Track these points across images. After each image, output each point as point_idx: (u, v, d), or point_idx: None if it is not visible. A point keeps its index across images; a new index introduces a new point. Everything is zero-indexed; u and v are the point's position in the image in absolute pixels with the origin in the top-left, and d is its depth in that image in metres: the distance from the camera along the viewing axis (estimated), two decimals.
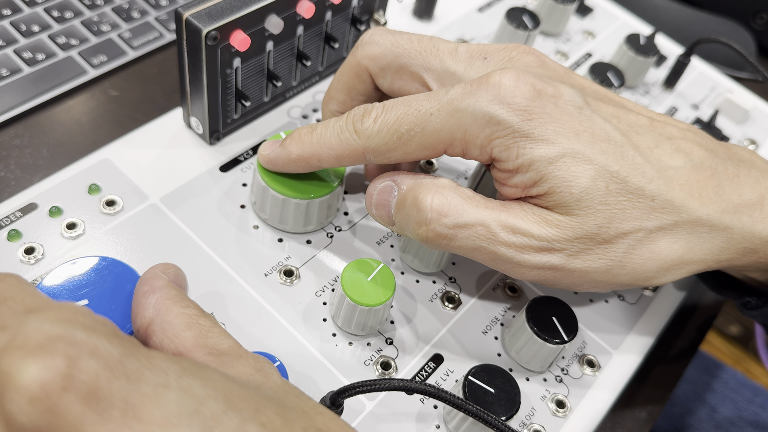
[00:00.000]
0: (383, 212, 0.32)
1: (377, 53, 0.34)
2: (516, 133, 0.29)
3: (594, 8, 0.57)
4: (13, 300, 0.20)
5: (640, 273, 0.30)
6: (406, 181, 0.31)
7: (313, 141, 0.32)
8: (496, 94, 0.29)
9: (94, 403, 0.17)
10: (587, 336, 0.36)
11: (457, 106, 0.29)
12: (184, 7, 0.33)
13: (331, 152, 0.32)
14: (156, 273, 0.26)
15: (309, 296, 0.34)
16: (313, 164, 0.33)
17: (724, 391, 0.64)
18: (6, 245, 0.32)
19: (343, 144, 0.32)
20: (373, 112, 0.31)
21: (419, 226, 0.30)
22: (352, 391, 0.26)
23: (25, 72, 0.42)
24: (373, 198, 0.32)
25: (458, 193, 0.30)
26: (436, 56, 0.33)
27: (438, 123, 0.29)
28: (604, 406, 0.34)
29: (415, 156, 0.31)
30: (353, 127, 0.31)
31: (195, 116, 0.38)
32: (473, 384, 0.30)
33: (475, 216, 0.29)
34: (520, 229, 0.29)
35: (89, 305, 0.27)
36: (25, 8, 0.45)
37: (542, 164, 0.29)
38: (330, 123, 0.32)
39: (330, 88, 0.37)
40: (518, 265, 0.30)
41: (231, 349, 0.24)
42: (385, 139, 0.30)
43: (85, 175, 0.36)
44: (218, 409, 0.19)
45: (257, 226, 0.36)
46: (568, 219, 0.29)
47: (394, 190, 0.32)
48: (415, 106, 0.30)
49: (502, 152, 0.29)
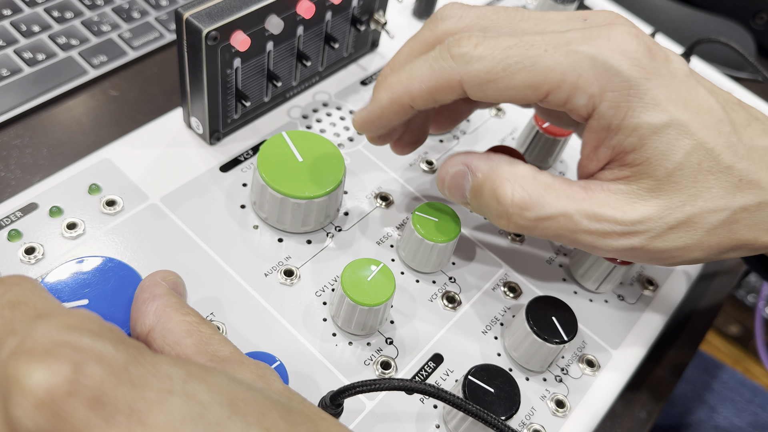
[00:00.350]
0: (457, 194, 0.32)
1: (461, 27, 0.32)
2: (632, 89, 0.28)
3: (593, 8, 0.57)
4: (25, 304, 0.21)
5: (714, 250, 0.30)
6: (480, 167, 0.30)
7: (402, 79, 0.30)
8: (618, 44, 0.28)
9: (99, 408, 0.18)
10: (587, 336, 0.36)
11: (575, 48, 0.28)
12: (185, 7, 0.33)
13: (424, 86, 0.30)
14: (156, 280, 0.26)
15: (309, 296, 0.34)
16: (405, 104, 0.31)
17: (723, 391, 0.64)
18: (6, 245, 0.32)
19: (436, 73, 0.29)
20: (472, 37, 0.29)
21: (499, 217, 0.30)
22: (352, 391, 0.26)
23: (26, 72, 0.42)
24: (446, 182, 0.32)
25: (538, 182, 0.29)
26: (528, 20, 0.31)
27: (551, 61, 0.28)
28: (603, 405, 0.34)
29: (513, 94, 0.29)
30: (449, 53, 0.29)
31: (195, 116, 0.38)
32: (473, 384, 0.30)
33: (557, 207, 0.29)
34: (604, 216, 0.29)
35: (89, 305, 0.27)
36: (25, 8, 0.45)
37: (647, 132, 0.28)
38: (418, 59, 0.30)
39: (395, 62, 0.33)
40: (599, 249, 0.30)
41: (232, 355, 0.24)
42: (488, 66, 0.28)
43: (86, 175, 0.36)
44: (223, 414, 0.19)
45: (257, 226, 0.36)
46: (653, 199, 0.29)
47: (467, 174, 0.31)
48: (526, 39, 0.28)
49: (610, 108, 0.28)
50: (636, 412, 0.38)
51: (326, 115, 0.42)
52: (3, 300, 0.21)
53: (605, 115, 0.28)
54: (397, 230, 0.38)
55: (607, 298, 0.38)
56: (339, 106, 0.43)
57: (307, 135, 0.36)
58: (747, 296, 1.27)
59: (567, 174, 0.44)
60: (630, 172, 0.29)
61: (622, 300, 0.39)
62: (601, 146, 0.29)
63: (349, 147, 0.41)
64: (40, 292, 0.22)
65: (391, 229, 0.38)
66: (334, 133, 0.41)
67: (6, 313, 0.20)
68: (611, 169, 0.30)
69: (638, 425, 0.37)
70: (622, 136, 0.29)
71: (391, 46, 0.47)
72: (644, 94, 0.28)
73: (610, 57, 0.28)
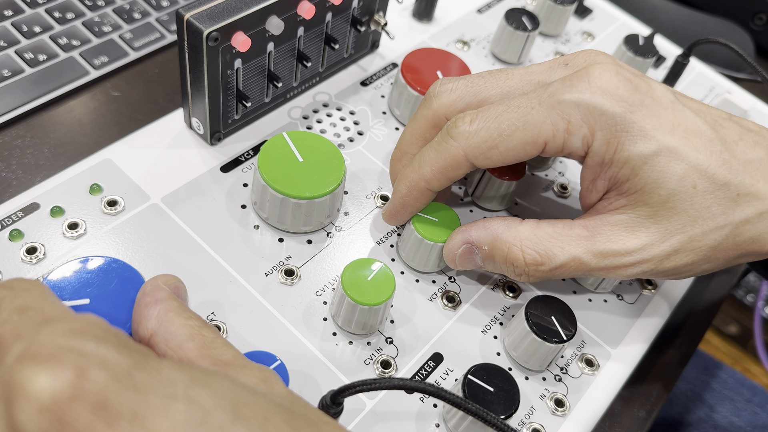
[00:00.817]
0: (470, 266, 0.34)
1: (454, 98, 0.34)
2: (619, 125, 0.29)
3: (593, 9, 0.57)
4: (33, 310, 0.21)
5: (722, 261, 0.32)
6: (482, 240, 0.33)
7: (414, 167, 0.33)
8: (599, 85, 0.29)
9: (102, 413, 0.18)
10: (586, 335, 0.37)
11: (559, 98, 0.29)
12: (186, 8, 0.33)
13: (435, 168, 0.32)
14: (158, 284, 0.27)
15: (309, 296, 0.34)
16: (422, 188, 0.33)
17: (722, 391, 0.64)
18: (8, 245, 0.32)
19: (442, 155, 0.32)
20: (466, 116, 0.32)
21: (518, 276, 0.32)
22: (353, 390, 0.26)
23: (27, 72, 0.42)
24: (457, 263, 0.34)
25: (541, 237, 0.31)
26: (513, 77, 0.33)
27: (540, 116, 0.30)
28: (602, 405, 0.34)
29: (515, 153, 0.31)
30: (448, 134, 0.32)
31: (196, 117, 0.38)
32: (473, 383, 0.30)
33: (565, 254, 0.31)
34: (609, 252, 0.31)
35: (91, 305, 0.27)
36: (26, 9, 0.45)
37: (638, 162, 0.29)
38: (426, 147, 0.33)
39: (402, 144, 0.36)
40: (615, 277, 0.32)
41: (235, 359, 0.24)
42: (485, 136, 0.31)
43: (87, 175, 0.36)
44: (226, 419, 0.19)
45: (258, 226, 0.36)
46: (653, 225, 0.30)
47: (474, 249, 0.33)
48: (514, 103, 0.31)
49: (601, 145, 0.30)
50: (635, 411, 0.38)
51: (326, 115, 0.42)
52: (12, 305, 0.21)
53: (598, 151, 0.30)
54: (397, 230, 0.38)
55: (606, 298, 0.38)
56: (339, 106, 0.43)
57: (307, 135, 0.36)
58: (746, 296, 1.27)
59: (566, 174, 0.44)
60: (627, 201, 0.31)
61: (621, 299, 0.39)
62: (598, 179, 0.31)
63: (349, 147, 0.41)
64: (49, 297, 0.22)
65: (391, 229, 0.38)
66: (335, 134, 0.42)
67: (14, 318, 0.20)
68: (609, 199, 0.32)
69: (637, 424, 0.37)
70: (615, 168, 0.30)
71: (391, 46, 0.47)
72: (630, 127, 0.29)
73: (593, 99, 0.29)
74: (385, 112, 0.44)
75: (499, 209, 0.40)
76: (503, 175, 0.38)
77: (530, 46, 0.49)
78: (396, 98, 0.43)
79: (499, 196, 0.39)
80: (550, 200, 0.42)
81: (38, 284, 0.22)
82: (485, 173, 0.38)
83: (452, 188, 0.41)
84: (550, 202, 0.42)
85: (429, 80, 0.42)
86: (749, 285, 1.27)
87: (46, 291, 0.22)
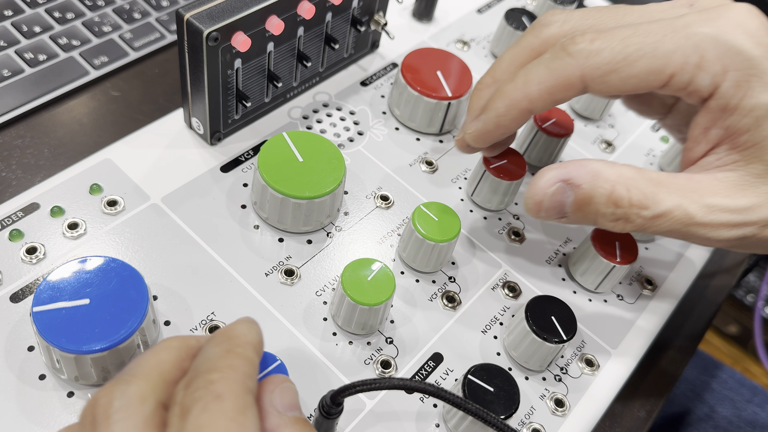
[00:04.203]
0: (554, 213, 0.31)
1: (567, 29, 0.32)
2: (754, 68, 0.28)
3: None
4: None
5: None
6: (582, 176, 0.29)
7: (518, 85, 0.31)
8: (740, 24, 0.28)
9: None
10: (586, 335, 0.37)
11: (696, 30, 0.28)
12: (185, 8, 0.33)
13: (543, 86, 0.30)
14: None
15: (309, 296, 0.34)
16: (523, 108, 0.31)
17: (722, 391, 0.64)
18: (8, 245, 0.32)
19: (554, 73, 0.30)
20: (587, 34, 0.29)
21: (615, 220, 0.29)
22: (353, 390, 0.26)
23: (27, 72, 0.42)
24: (545, 204, 0.30)
25: (647, 179, 0.29)
26: (632, 13, 0.31)
27: (672, 45, 0.28)
28: (602, 405, 0.34)
29: (636, 82, 0.29)
30: (565, 51, 0.30)
31: (196, 117, 0.38)
32: (473, 383, 0.30)
33: (671, 202, 0.29)
34: (719, 206, 0.28)
35: (90, 305, 0.27)
36: (26, 9, 0.45)
37: (763, 113, 0.28)
38: (532, 63, 0.31)
39: (496, 71, 0.33)
40: (710, 240, 0.29)
41: None
42: (608, 58, 0.29)
43: (87, 175, 0.36)
44: None
45: (258, 226, 0.36)
46: (763, 185, 0.28)
47: (568, 190, 0.30)
48: (643, 28, 0.29)
49: (730, 87, 0.28)
50: (635, 411, 0.38)
51: (326, 115, 0.42)
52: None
53: (725, 94, 0.28)
54: (397, 230, 0.38)
55: (606, 298, 0.38)
56: (339, 106, 0.43)
57: (307, 135, 0.36)
58: (746, 296, 1.27)
59: None
60: (740, 156, 0.29)
61: (622, 300, 0.39)
62: (714, 127, 0.29)
63: (349, 147, 0.41)
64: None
65: (391, 229, 0.38)
66: (335, 134, 0.42)
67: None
68: (718, 154, 0.30)
69: (637, 424, 0.37)
70: (737, 116, 0.28)
71: (391, 46, 0.48)
72: (764, 74, 0.28)
73: (733, 36, 0.28)
74: (385, 112, 0.44)
75: (499, 209, 0.40)
76: (503, 175, 0.38)
77: None
78: (396, 98, 0.43)
79: (499, 196, 0.39)
80: None
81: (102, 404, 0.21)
82: (485, 173, 0.38)
83: (452, 188, 0.41)
84: None
85: (429, 80, 0.42)
86: (749, 285, 1.27)
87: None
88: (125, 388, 0.21)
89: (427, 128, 0.43)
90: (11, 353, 0.29)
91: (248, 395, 0.21)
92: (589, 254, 0.37)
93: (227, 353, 0.22)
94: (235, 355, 0.22)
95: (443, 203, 0.36)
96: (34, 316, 0.27)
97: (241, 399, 0.20)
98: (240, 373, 0.21)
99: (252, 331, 0.24)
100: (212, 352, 0.22)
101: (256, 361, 0.23)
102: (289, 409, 0.23)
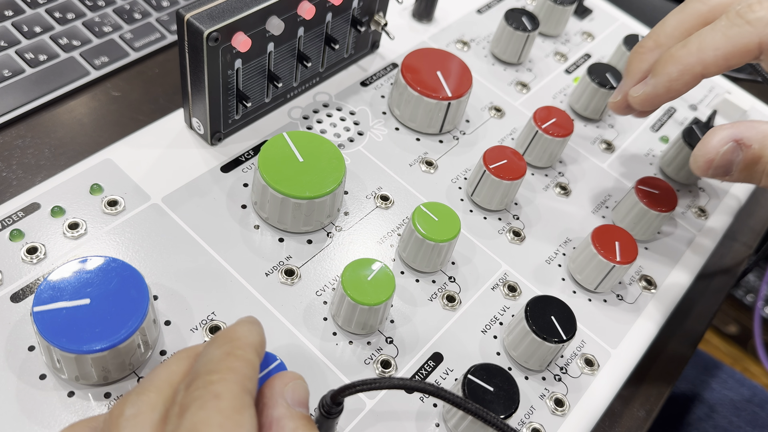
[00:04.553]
0: (722, 171, 0.31)
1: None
2: None
3: (593, 9, 0.57)
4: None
5: None
6: (754, 137, 0.30)
7: (692, 50, 0.31)
8: None
9: None
10: (586, 335, 0.37)
11: None
12: (186, 8, 0.33)
13: (719, 53, 0.31)
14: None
15: (309, 295, 0.34)
16: (697, 74, 0.31)
17: (722, 391, 0.64)
18: (8, 245, 0.32)
19: (732, 40, 0.30)
20: (764, 2, 0.30)
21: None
22: (353, 390, 0.26)
23: (27, 73, 0.42)
24: (715, 161, 0.31)
25: None
26: None
27: None
28: (602, 404, 0.34)
29: None
30: (742, 19, 0.30)
31: (196, 117, 0.38)
32: (472, 383, 0.30)
33: None
34: None
35: (90, 305, 0.27)
36: (27, 9, 0.46)
37: None
38: (705, 29, 0.31)
39: (659, 35, 0.34)
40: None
41: None
42: None
43: (87, 175, 0.36)
44: None
45: (258, 226, 0.36)
46: None
47: (738, 150, 0.31)
48: None
49: None
50: (635, 410, 0.38)
51: (327, 115, 0.42)
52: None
53: None
54: (397, 230, 0.38)
55: (605, 298, 0.38)
56: (339, 107, 0.43)
57: (307, 135, 0.36)
58: (746, 296, 1.27)
59: (566, 174, 0.44)
60: None
61: (621, 299, 0.39)
62: None
63: (349, 147, 0.41)
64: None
65: (391, 229, 0.38)
66: (335, 134, 0.42)
67: None
68: None
69: (637, 424, 0.37)
70: None
71: (391, 47, 0.48)
72: None
73: None
74: (385, 112, 0.44)
75: (499, 209, 0.40)
76: (503, 175, 0.38)
77: (530, 47, 0.49)
78: (396, 98, 0.43)
79: (499, 196, 0.39)
80: (550, 200, 0.42)
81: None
82: (485, 173, 0.38)
83: (452, 188, 0.41)
84: (550, 202, 0.42)
85: (429, 81, 0.42)
86: (749, 285, 1.27)
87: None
88: (136, 399, 0.22)
89: (427, 128, 0.43)
90: (12, 353, 0.29)
91: (246, 396, 0.21)
92: (589, 254, 0.37)
93: (227, 355, 0.22)
94: (236, 357, 0.22)
95: (443, 203, 0.36)
96: (35, 316, 0.27)
97: (238, 399, 0.21)
98: (239, 375, 0.22)
99: (253, 332, 0.24)
100: (213, 354, 0.23)
101: (256, 362, 0.23)
102: (298, 405, 0.23)
